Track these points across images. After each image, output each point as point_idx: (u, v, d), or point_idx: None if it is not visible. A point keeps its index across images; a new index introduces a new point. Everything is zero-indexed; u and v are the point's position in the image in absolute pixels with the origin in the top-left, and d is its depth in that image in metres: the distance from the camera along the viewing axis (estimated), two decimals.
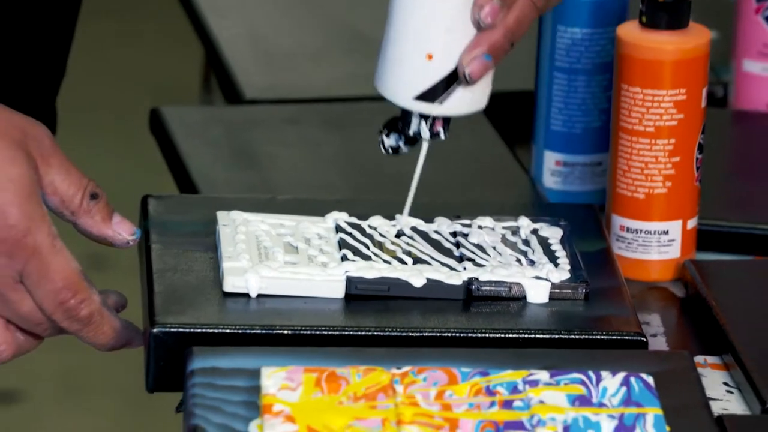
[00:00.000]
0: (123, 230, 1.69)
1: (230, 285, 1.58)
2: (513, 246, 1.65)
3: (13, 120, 1.67)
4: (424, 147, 1.72)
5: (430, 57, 1.68)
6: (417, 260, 1.63)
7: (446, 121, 1.68)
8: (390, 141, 1.72)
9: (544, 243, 1.66)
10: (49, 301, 1.65)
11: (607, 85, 1.81)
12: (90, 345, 1.69)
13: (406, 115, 1.70)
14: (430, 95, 1.67)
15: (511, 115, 2.10)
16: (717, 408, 1.44)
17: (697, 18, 1.77)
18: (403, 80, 1.69)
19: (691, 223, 1.75)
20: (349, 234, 1.67)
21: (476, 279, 1.55)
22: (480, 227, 1.68)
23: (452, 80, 1.66)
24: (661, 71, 1.72)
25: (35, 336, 1.70)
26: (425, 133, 1.69)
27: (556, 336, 1.50)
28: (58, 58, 2.18)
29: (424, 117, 1.68)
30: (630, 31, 1.77)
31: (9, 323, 1.67)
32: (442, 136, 1.70)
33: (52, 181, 1.68)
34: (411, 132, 1.71)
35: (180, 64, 2.51)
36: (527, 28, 1.73)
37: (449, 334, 1.49)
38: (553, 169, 1.91)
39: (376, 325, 1.51)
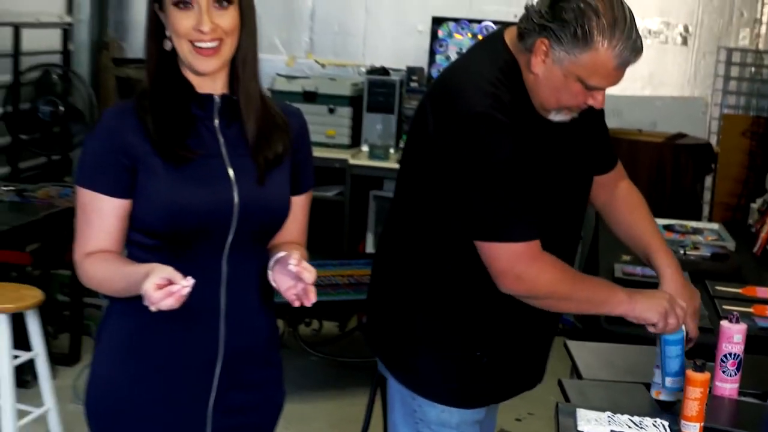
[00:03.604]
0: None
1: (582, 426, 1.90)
2: (653, 424, 1.93)
3: None
4: None
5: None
6: (627, 427, 1.91)
7: None
8: None
9: (662, 426, 1.94)
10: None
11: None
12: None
13: None
14: None
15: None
16: None
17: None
18: None
19: (701, 425, 1.93)
20: (613, 419, 1.93)
21: None
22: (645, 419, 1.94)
23: None
24: (697, 382, 1.91)
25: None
26: None
27: None
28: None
29: None
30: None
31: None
32: None
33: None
34: None
35: None
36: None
37: None
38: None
39: None
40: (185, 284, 1.58)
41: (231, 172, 1.80)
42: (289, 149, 1.85)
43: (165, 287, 1.58)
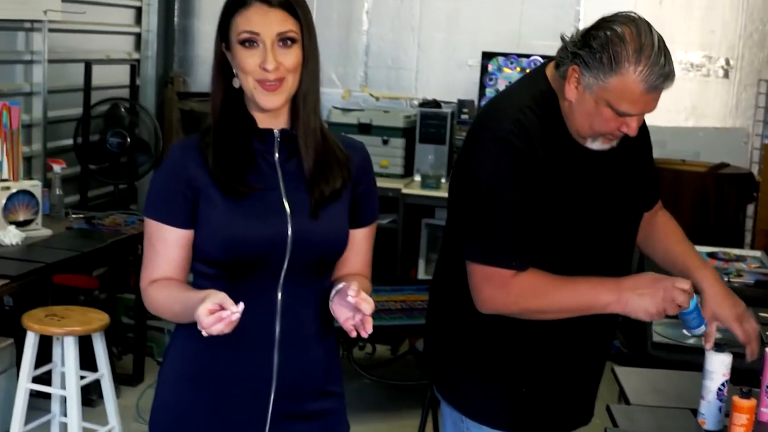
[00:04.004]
0: None
1: None
2: None
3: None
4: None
5: None
6: None
7: None
8: None
9: None
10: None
11: None
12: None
13: None
14: None
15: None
16: None
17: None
18: None
19: None
20: None
21: None
22: None
23: None
24: (743, 408, 1.96)
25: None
26: None
27: None
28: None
29: None
30: (736, 399, 2.01)
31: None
32: None
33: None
34: None
35: None
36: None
37: None
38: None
39: None
40: (234, 310, 1.57)
41: (287, 205, 1.79)
42: (348, 183, 1.84)
43: (216, 312, 1.57)
